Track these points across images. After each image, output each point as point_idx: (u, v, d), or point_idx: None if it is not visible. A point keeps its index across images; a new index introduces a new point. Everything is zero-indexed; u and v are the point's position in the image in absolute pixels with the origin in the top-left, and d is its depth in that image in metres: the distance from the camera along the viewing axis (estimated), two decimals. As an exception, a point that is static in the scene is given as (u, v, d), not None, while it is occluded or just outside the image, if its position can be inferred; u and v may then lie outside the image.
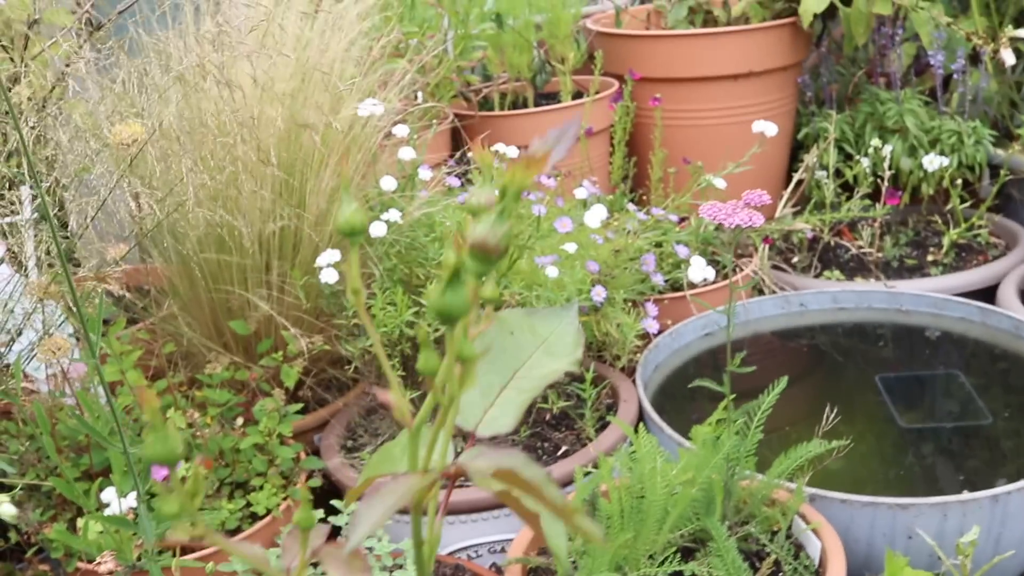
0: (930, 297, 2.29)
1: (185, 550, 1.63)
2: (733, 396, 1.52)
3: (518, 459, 0.50)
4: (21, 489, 1.76)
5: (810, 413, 1.87)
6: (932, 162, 2.65)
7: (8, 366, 1.88)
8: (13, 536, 1.79)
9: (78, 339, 1.89)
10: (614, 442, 1.77)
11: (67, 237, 1.68)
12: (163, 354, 1.90)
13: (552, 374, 0.62)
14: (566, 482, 1.69)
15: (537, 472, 0.50)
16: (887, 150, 2.66)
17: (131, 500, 1.56)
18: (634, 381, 1.96)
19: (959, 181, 2.72)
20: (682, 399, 2.05)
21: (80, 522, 1.65)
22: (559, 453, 1.79)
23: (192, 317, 1.95)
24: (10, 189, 1.70)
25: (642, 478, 1.45)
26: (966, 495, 1.62)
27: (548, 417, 1.88)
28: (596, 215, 1.94)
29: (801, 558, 1.54)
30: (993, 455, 1.85)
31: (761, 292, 2.44)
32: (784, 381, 1.58)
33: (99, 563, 1.19)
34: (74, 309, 1.62)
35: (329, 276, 1.75)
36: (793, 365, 2.26)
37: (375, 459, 0.60)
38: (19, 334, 1.86)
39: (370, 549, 1.57)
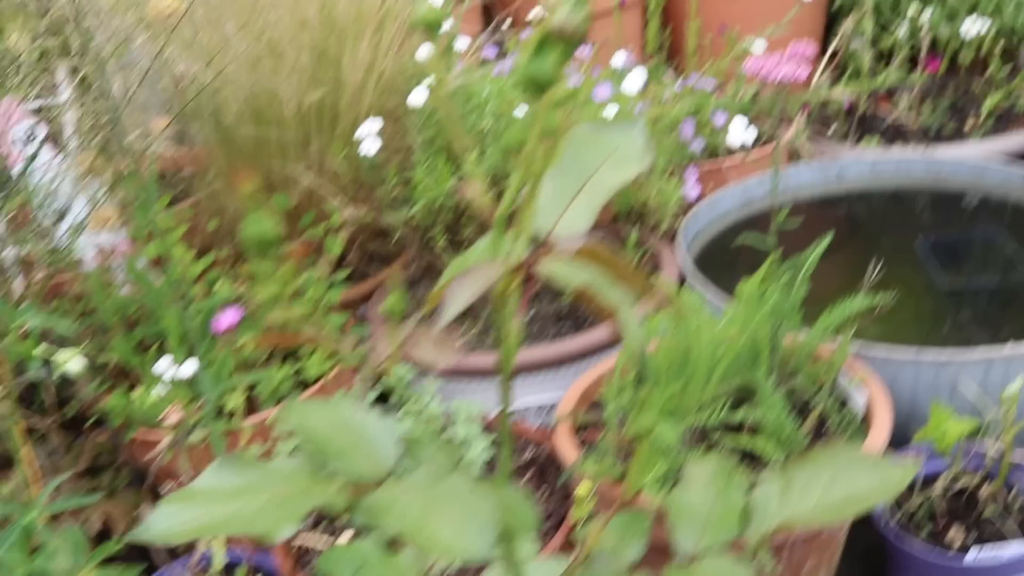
0: (970, 163, 2.27)
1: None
2: (780, 250, 1.53)
3: (598, 242, 0.52)
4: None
5: (850, 279, 1.87)
6: (972, 26, 2.60)
7: (55, 248, 1.91)
8: (71, 410, 1.84)
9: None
10: (659, 302, 1.78)
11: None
12: (207, 230, 1.92)
13: (622, 181, 0.63)
14: (612, 342, 1.71)
15: (618, 251, 0.51)
16: (925, 16, 2.62)
17: (185, 369, 1.59)
18: (674, 248, 1.96)
19: (999, 47, 2.67)
20: (721, 268, 2.05)
21: (135, 394, 1.69)
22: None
23: (234, 194, 1.96)
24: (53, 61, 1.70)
25: (687, 334, 1.47)
26: (1009, 349, 1.62)
27: (590, 283, 1.90)
28: (635, 80, 1.93)
29: (846, 410, 1.56)
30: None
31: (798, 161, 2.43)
32: (828, 237, 1.58)
33: (164, 417, 1.23)
34: (119, 183, 1.64)
35: (369, 147, 1.75)
36: (832, 233, 2.25)
37: (456, 263, 0.61)
38: (65, 214, 1.88)
39: (419, 412, 1.60)
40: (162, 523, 0.48)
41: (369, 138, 1.76)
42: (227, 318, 1.30)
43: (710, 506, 0.62)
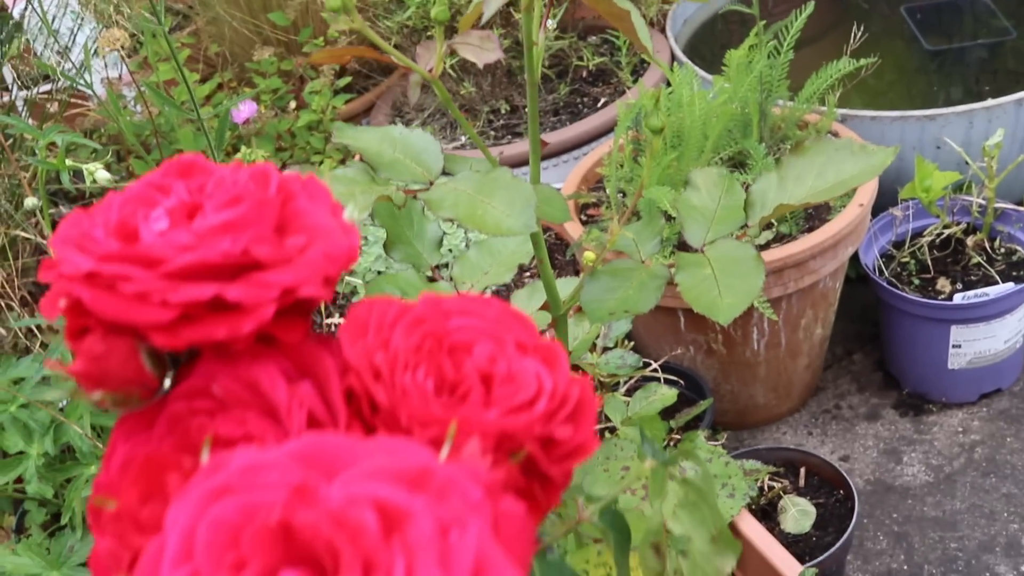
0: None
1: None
2: (763, 22, 1.58)
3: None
4: (97, 194, 1.88)
5: (838, 52, 1.92)
6: None
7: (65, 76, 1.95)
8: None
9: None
10: (651, 87, 1.84)
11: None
12: (210, 54, 1.97)
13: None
14: (609, 129, 1.78)
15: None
16: None
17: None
18: (665, 35, 2.01)
19: None
20: (711, 56, 2.10)
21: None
22: (599, 105, 1.87)
23: (231, 18, 2.00)
24: None
25: (680, 106, 1.53)
26: (990, 101, 1.69)
27: (585, 74, 1.95)
28: None
29: (835, 171, 1.64)
30: (1018, 65, 1.92)
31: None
32: (812, 4, 1.63)
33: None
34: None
35: (359, -45, 1.78)
36: (820, 8, 2.28)
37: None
38: (70, 48, 1.92)
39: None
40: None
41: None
42: (245, 109, 1.37)
43: (715, 205, 0.70)
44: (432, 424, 0.33)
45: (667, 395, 1.13)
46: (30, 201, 1.18)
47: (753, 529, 1.28)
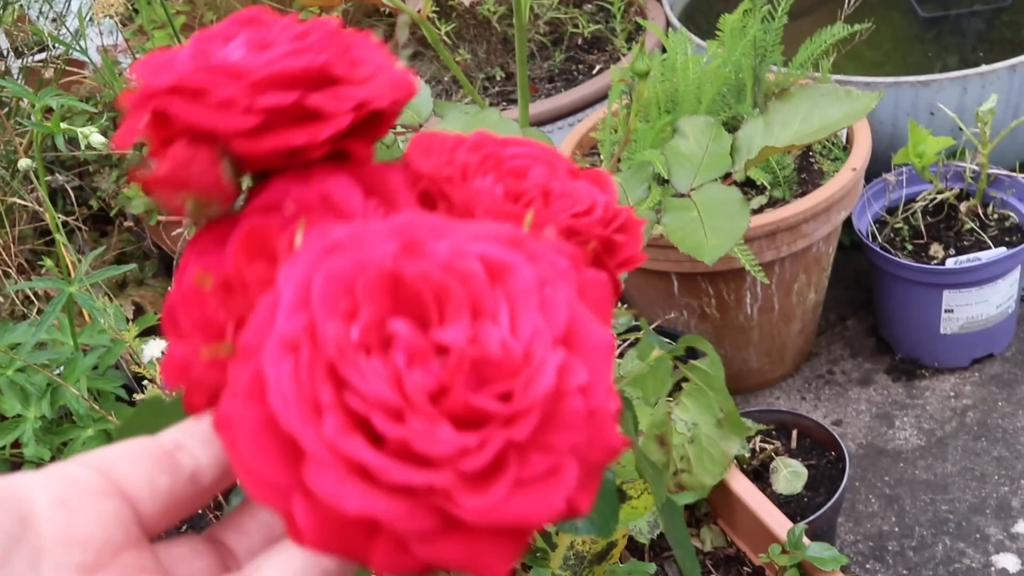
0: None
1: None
2: (758, -14, 1.58)
3: None
4: (93, 161, 1.89)
5: (834, 23, 1.92)
6: None
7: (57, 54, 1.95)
8: (95, 203, 1.92)
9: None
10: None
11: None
12: (205, 22, 1.97)
13: None
14: (603, 95, 1.78)
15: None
16: None
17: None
18: (660, 3, 2.01)
19: None
20: (707, 26, 2.10)
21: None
22: (594, 72, 1.87)
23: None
24: None
25: (674, 71, 1.54)
26: (984, 68, 1.70)
27: (580, 42, 1.96)
28: None
29: (828, 137, 1.64)
30: (1013, 34, 1.92)
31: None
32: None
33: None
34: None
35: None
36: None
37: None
38: (64, 14, 1.92)
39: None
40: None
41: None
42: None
43: (702, 151, 0.71)
44: (507, 219, 0.35)
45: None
46: (23, 162, 1.18)
47: (745, 488, 1.30)
